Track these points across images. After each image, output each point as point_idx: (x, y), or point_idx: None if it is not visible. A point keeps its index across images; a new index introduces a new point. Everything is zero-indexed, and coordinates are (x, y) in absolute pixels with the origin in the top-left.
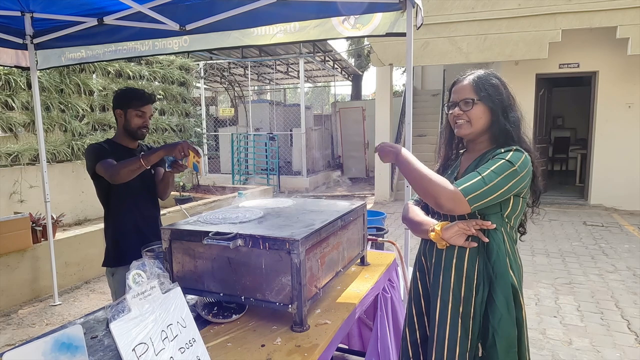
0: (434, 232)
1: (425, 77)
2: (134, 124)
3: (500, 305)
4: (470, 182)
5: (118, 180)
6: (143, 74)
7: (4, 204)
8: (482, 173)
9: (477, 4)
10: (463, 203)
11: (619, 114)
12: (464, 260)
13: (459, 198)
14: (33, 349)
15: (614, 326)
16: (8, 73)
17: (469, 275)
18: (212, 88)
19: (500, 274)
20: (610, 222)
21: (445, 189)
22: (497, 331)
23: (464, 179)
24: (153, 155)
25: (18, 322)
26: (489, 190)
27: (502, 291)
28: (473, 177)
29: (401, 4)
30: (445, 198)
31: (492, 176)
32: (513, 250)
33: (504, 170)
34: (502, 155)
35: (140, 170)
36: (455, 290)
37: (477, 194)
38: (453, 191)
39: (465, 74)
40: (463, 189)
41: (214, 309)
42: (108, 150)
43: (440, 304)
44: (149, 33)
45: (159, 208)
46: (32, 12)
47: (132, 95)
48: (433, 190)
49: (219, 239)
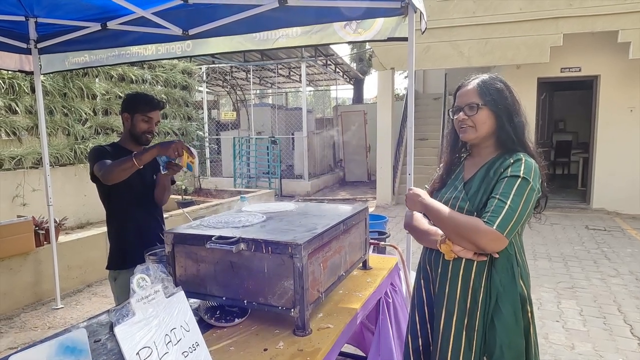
0: (445, 244)
1: (427, 80)
2: (139, 129)
3: (508, 317)
4: (501, 215)
5: (111, 180)
6: (146, 78)
7: (7, 207)
8: (506, 201)
9: (478, 8)
10: (502, 240)
11: (621, 117)
12: (471, 272)
13: (498, 237)
14: (38, 352)
15: (617, 331)
16: (12, 77)
17: (475, 287)
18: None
19: (508, 286)
20: (613, 226)
21: (483, 232)
22: (505, 342)
23: (493, 213)
24: (146, 154)
25: (20, 326)
26: (518, 217)
27: (510, 302)
28: (500, 209)
29: (403, 9)
30: (486, 241)
31: (516, 202)
32: (522, 258)
33: (524, 191)
34: (514, 171)
35: (133, 169)
36: (460, 301)
37: (512, 225)
38: (491, 231)
39: (470, 78)
40: (498, 226)
41: (217, 312)
42: (109, 153)
43: (445, 315)
44: (152, 38)
45: (161, 212)
46: (36, 17)
47: (141, 100)
48: (470, 236)
49: (222, 243)
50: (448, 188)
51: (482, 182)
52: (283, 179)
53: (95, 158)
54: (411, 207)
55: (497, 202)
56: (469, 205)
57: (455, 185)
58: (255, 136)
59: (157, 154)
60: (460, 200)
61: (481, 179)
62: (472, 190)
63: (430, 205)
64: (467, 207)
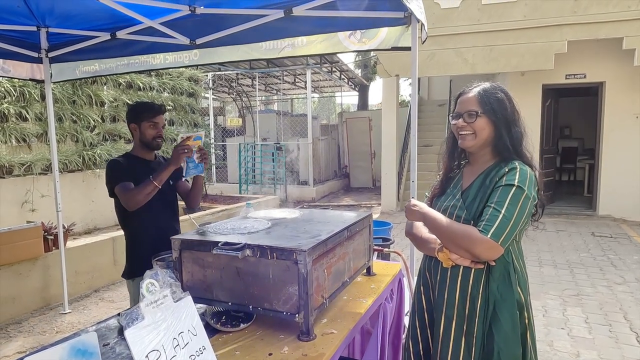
0: (443, 252)
1: (432, 87)
2: (148, 135)
3: (505, 324)
4: (495, 224)
5: (135, 206)
6: (153, 85)
7: (16, 213)
8: (500, 209)
9: (482, 16)
10: (497, 248)
11: (627, 124)
12: (469, 279)
13: (493, 246)
14: (51, 354)
15: (623, 338)
16: (23, 85)
17: (473, 294)
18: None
19: (505, 293)
20: (619, 233)
21: (479, 241)
22: (502, 349)
23: (488, 222)
24: (163, 173)
25: (29, 330)
26: (513, 225)
27: (507, 310)
28: (495, 218)
29: (406, 19)
30: (480, 249)
31: (511, 210)
32: (520, 265)
33: (518, 200)
34: (509, 180)
35: (156, 191)
36: (459, 308)
37: (507, 233)
38: (486, 240)
39: (472, 85)
40: (493, 234)
41: (223, 317)
42: (125, 167)
43: (444, 320)
44: (160, 47)
45: (178, 220)
46: (47, 27)
47: (143, 108)
48: (465, 245)
49: (228, 249)
50: (447, 196)
51: (478, 191)
52: (288, 185)
53: (114, 178)
54: (410, 217)
55: (492, 210)
56: (466, 214)
57: (454, 194)
58: (261, 142)
59: (173, 168)
60: (457, 208)
61: (478, 187)
62: (470, 198)
63: (427, 214)
64: (464, 215)
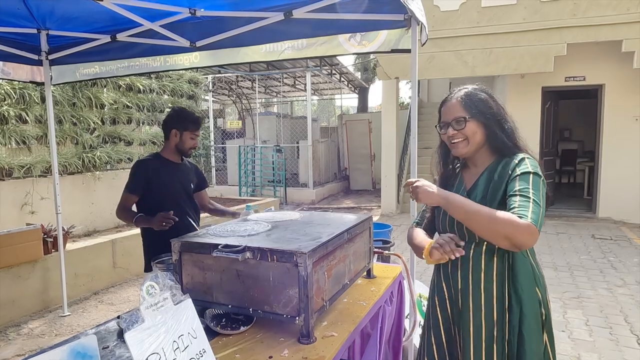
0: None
1: (432, 89)
2: (187, 145)
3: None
4: (530, 209)
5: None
6: (153, 88)
7: (15, 215)
8: (528, 195)
9: (482, 19)
10: (537, 234)
11: (626, 126)
12: (493, 281)
13: (534, 231)
14: (50, 357)
15: (623, 341)
16: (22, 87)
17: (498, 296)
18: (220, 101)
19: (528, 290)
20: (619, 235)
21: (522, 227)
22: (533, 349)
23: (521, 209)
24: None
25: (28, 333)
26: (544, 210)
27: (531, 306)
28: (527, 204)
29: (406, 22)
30: (524, 236)
31: (537, 195)
32: (536, 261)
33: (539, 185)
34: (523, 169)
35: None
36: (487, 313)
37: (541, 218)
38: (528, 225)
39: (451, 92)
40: (532, 220)
41: (223, 320)
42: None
43: (473, 330)
44: (161, 49)
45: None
46: (47, 30)
47: (190, 119)
48: (506, 231)
49: (228, 251)
50: None
51: (486, 188)
52: (288, 188)
53: (129, 183)
54: (425, 199)
55: (519, 198)
56: None
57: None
58: (261, 145)
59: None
60: None
61: (485, 184)
62: (478, 197)
63: (451, 197)
64: None
